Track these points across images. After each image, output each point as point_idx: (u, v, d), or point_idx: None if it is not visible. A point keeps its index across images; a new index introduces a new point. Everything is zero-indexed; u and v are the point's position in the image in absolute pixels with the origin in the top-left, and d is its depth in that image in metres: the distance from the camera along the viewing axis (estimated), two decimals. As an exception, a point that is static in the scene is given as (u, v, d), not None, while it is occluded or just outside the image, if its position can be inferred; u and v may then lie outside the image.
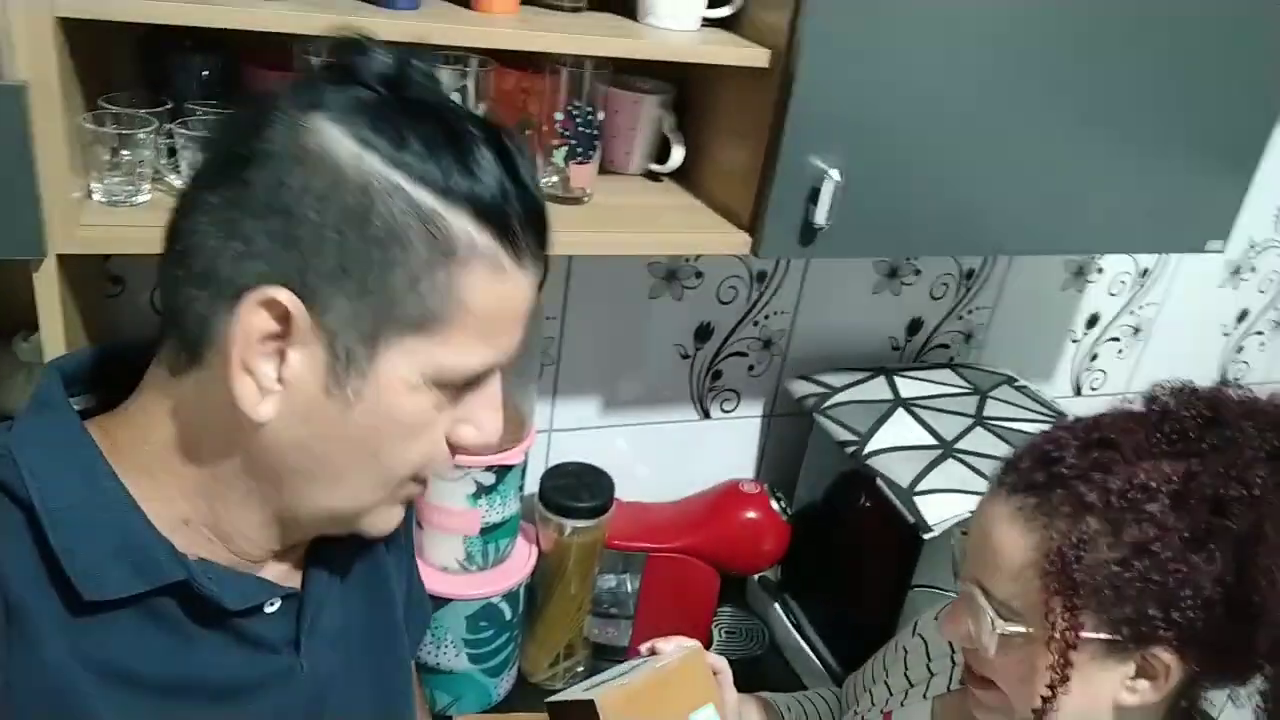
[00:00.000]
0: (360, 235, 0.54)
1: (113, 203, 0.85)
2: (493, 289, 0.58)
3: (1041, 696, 0.73)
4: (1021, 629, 0.73)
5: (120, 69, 0.93)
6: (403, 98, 0.57)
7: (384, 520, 0.67)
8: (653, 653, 0.96)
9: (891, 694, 1.00)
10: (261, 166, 0.54)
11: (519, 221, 0.58)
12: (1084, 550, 0.69)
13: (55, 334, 0.81)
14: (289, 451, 0.60)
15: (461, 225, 0.56)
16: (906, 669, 1.01)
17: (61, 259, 0.80)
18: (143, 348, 0.63)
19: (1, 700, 0.56)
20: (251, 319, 0.55)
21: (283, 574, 0.69)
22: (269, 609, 0.66)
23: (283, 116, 0.55)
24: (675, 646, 0.96)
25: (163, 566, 0.60)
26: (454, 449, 0.64)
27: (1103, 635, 0.71)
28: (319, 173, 0.54)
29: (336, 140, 0.54)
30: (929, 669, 0.98)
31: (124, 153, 0.83)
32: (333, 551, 0.72)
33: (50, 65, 0.73)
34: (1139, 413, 0.76)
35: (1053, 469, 0.72)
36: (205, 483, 0.62)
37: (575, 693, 0.91)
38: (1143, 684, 0.73)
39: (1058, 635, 0.71)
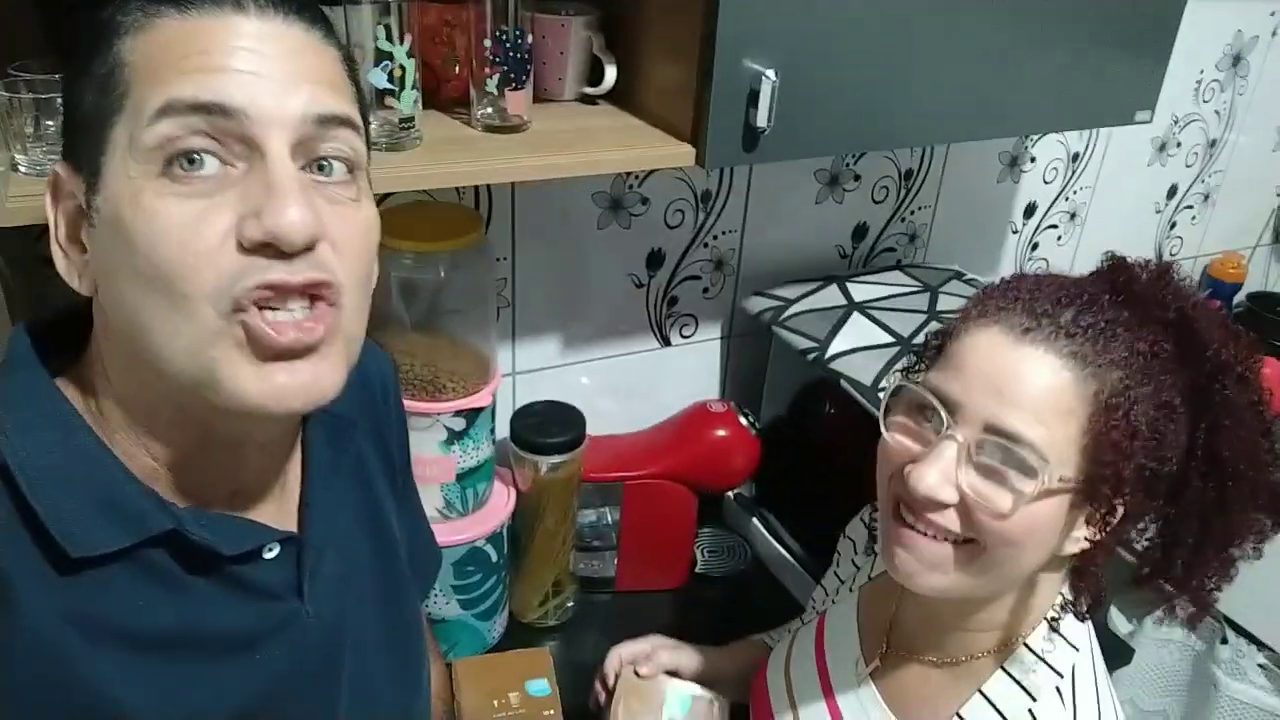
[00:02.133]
0: (81, 77, 0.57)
1: (39, 174, 0.82)
2: (152, 39, 0.54)
3: (1092, 537, 0.74)
4: (1071, 474, 0.71)
5: (21, 38, 0.89)
6: None
7: (242, 380, 0.55)
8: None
9: (827, 594, 1.03)
10: None
11: None
12: (1134, 399, 0.70)
13: (-2, 311, 0.79)
14: (115, 320, 0.57)
15: (124, 10, 0.55)
16: (837, 569, 1.04)
17: (-6, 233, 0.77)
18: None
19: None
20: (54, 199, 0.59)
21: (279, 518, 0.68)
22: (268, 554, 0.65)
23: None
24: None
25: (149, 517, 0.58)
26: (253, 250, 0.54)
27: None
28: None
29: None
30: (854, 564, 1.02)
31: (46, 122, 0.80)
32: (329, 494, 0.71)
33: (-46, 29, 0.70)
34: (1123, 279, 0.76)
35: (1095, 319, 0.72)
36: (128, 407, 0.60)
37: None
38: (1085, 532, 0.75)
39: (1108, 482, 0.70)
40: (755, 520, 1.51)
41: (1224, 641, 1.75)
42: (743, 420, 1.39)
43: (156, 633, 0.60)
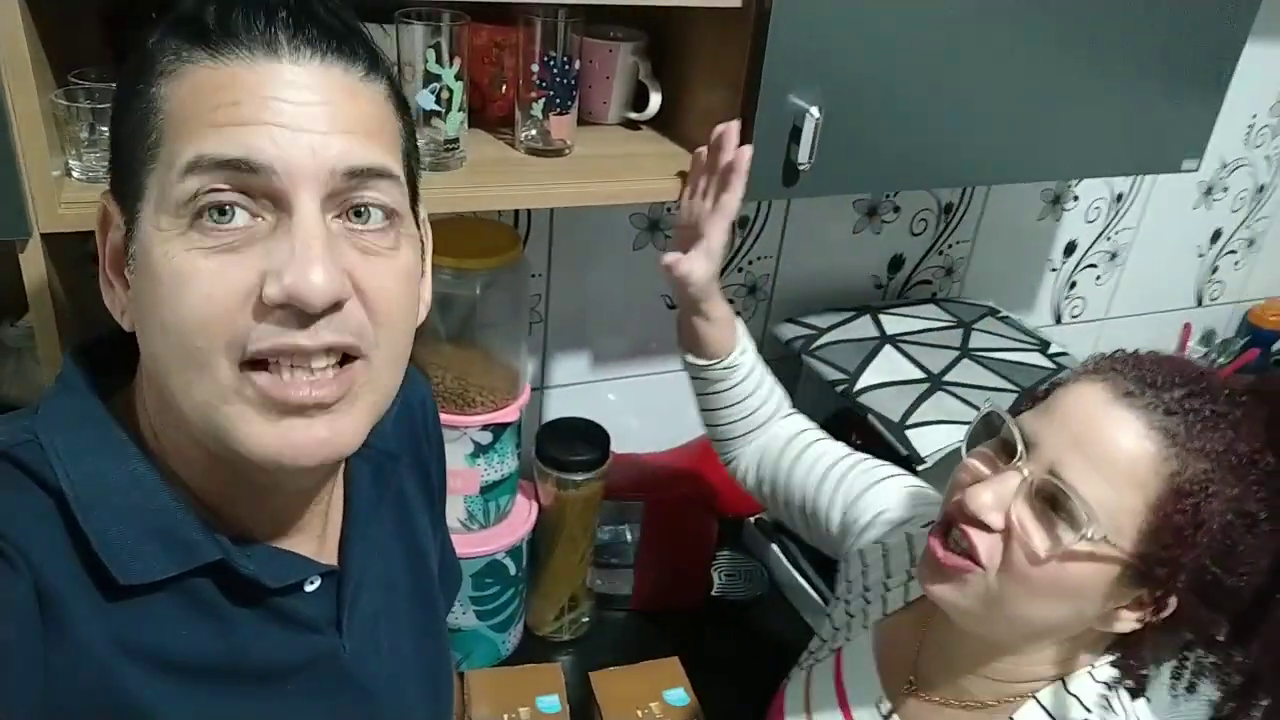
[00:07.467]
0: (123, 116, 0.57)
1: (91, 180, 0.84)
2: (184, 86, 0.53)
3: (1139, 620, 0.73)
4: (1125, 545, 0.70)
5: (85, 47, 0.91)
6: None
7: (255, 434, 0.54)
8: None
9: (837, 629, 1.02)
10: None
11: (208, 15, 0.53)
12: (1212, 494, 0.68)
13: (46, 315, 0.81)
14: (146, 362, 0.58)
15: (161, 50, 0.54)
16: (846, 603, 1.03)
17: (46, 238, 0.79)
18: None
19: (45, 691, 0.55)
20: (101, 230, 0.59)
21: (320, 551, 0.68)
22: (309, 587, 0.64)
23: None
24: None
25: (198, 547, 0.58)
26: (274, 309, 0.52)
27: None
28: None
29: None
30: (865, 598, 1.01)
31: (100, 128, 0.82)
32: (370, 530, 0.71)
33: (19, 38, 0.72)
34: (1268, 385, 0.73)
35: (1200, 405, 0.70)
36: (168, 440, 0.60)
37: None
38: (1130, 614, 0.74)
39: (1164, 565, 0.69)
40: (774, 546, 1.51)
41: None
42: (768, 446, 1.39)
43: (197, 661, 0.60)
